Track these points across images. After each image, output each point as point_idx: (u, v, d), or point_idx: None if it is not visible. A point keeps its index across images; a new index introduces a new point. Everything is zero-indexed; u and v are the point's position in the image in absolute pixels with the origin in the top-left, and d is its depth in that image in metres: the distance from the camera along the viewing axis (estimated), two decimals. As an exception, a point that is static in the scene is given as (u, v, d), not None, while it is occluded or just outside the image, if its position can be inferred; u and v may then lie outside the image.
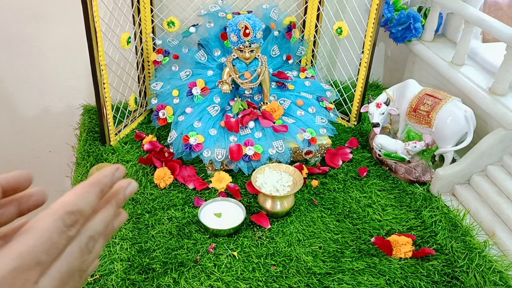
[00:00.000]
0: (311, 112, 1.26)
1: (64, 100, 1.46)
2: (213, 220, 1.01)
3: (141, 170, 1.17)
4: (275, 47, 1.32)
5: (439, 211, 1.07)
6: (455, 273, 0.93)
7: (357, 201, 1.11)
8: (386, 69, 1.65)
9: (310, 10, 1.36)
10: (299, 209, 1.08)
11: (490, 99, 1.13)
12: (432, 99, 1.16)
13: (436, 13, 1.38)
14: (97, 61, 1.10)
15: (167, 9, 1.32)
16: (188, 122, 1.19)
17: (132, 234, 0.99)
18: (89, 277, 0.89)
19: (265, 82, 1.22)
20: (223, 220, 1.01)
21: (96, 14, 1.04)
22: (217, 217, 1.02)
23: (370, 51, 1.25)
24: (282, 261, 0.95)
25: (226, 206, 1.05)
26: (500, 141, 1.08)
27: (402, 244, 0.96)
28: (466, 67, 1.28)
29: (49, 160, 1.57)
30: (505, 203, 1.03)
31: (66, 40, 1.36)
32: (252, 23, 1.12)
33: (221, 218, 1.02)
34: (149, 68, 1.34)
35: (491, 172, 1.10)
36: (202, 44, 1.29)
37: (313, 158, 1.22)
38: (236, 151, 1.14)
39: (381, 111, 1.22)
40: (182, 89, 1.25)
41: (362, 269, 0.93)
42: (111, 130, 1.23)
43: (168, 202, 1.08)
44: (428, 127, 1.16)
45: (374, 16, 1.20)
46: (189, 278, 0.90)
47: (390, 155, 1.20)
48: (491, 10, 1.35)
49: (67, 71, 1.41)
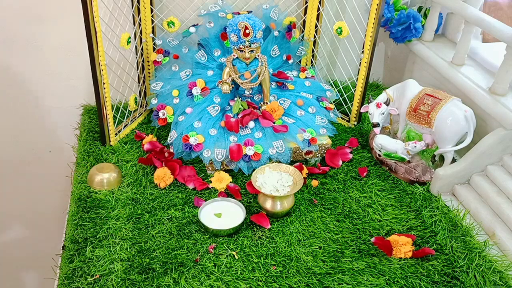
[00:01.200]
0: (311, 112, 1.26)
1: (64, 100, 1.46)
2: (213, 220, 1.01)
3: (141, 170, 1.17)
4: (275, 47, 1.32)
5: (439, 211, 1.07)
6: (455, 273, 0.93)
7: (357, 201, 1.11)
8: (386, 69, 1.65)
9: (310, 10, 1.36)
10: (299, 209, 1.08)
11: (490, 99, 1.13)
12: (432, 99, 1.16)
13: (436, 13, 1.38)
14: (97, 61, 1.10)
15: (167, 9, 1.32)
16: (188, 122, 1.19)
17: (132, 234, 0.99)
18: (89, 277, 0.89)
19: (265, 82, 1.22)
20: (223, 220, 1.01)
21: (96, 14, 1.04)
22: (217, 217, 1.02)
23: (370, 51, 1.25)
24: (282, 261, 0.95)
25: (226, 206, 1.05)
26: (500, 141, 1.08)
27: (402, 244, 0.96)
28: (466, 67, 1.28)
29: (49, 160, 1.57)
30: (505, 203, 1.03)
31: (66, 40, 1.36)
32: (252, 23, 1.12)
33: (221, 218, 1.02)
34: (149, 68, 1.34)
35: (491, 172, 1.10)
36: (202, 44, 1.29)
37: (313, 158, 1.22)
38: (236, 151, 1.14)
39: (381, 111, 1.22)
40: (182, 89, 1.25)
41: (362, 269, 0.93)
42: (111, 130, 1.23)
43: (168, 202, 1.08)
44: (428, 127, 1.16)
45: (374, 16, 1.20)
46: (189, 278, 0.90)
47: (390, 155, 1.20)
48: (491, 10, 1.35)
49: (67, 71, 1.41)
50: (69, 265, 0.92)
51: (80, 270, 0.91)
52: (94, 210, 1.04)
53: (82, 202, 1.06)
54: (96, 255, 0.94)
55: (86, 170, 1.15)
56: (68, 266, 0.92)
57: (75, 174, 1.16)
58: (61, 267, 0.94)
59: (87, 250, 0.94)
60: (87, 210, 1.04)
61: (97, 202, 1.07)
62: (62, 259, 0.96)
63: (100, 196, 1.08)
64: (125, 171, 1.16)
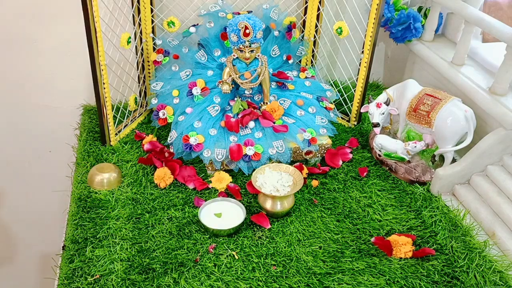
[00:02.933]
0: (311, 112, 1.26)
1: (64, 100, 1.46)
2: (213, 220, 1.01)
3: (141, 170, 1.17)
4: (275, 47, 1.32)
5: (439, 211, 1.07)
6: (455, 273, 0.93)
7: (357, 201, 1.11)
8: (386, 69, 1.65)
9: (310, 10, 1.36)
10: (299, 209, 1.08)
11: (490, 99, 1.13)
12: (432, 99, 1.16)
13: (436, 13, 1.38)
14: (97, 61, 1.10)
15: (167, 9, 1.32)
16: (188, 122, 1.19)
17: (132, 234, 0.99)
18: (89, 277, 0.89)
19: (265, 82, 1.22)
20: (223, 220, 1.01)
21: (96, 14, 1.04)
22: (217, 217, 1.02)
23: (370, 51, 1.25)
24: (282, 261, 0.95)
25: (226, 206, 1.05)
26: (500, 141, 1.08)
27: (402, 244, 0.96)
28: (466, 67, 1.28)
29: (49, 160, 1.57)
30: (505, 203, 1.03)
31: (66, 40, 1.36)
32: (252, 23, 1.12)
33: (221, 218, 1.02)
34: (149, 68, 1.34)
35: (491, 172, 1.10)
36: (202, 44, 1.29)
37: (313, 158, 1.22)
38: (236, 151, 1.14)
39: (381, 111, 1.22)
40: (182, 89, 1.25)
41: (362, 269, 0.93)
42: (111, 130, 1.23)
43: (168, 202, 1.08)
44: (428, 127, 1.16)
45: (374, 16, 1.20)
46: (189, 278, 0.90)
47: (390, 155, 1.20)
48: (491, 10, 1.35)
49: (67, 71, 1.41)
50: (69, 265, 0.92)
51: (80, 270, 0.91)
52: (94, 210, 1.04)
53: (82, 202, 1.06)
54: (96, 255, 0.94)
55: (86, 170, 1.15)
56: (68, 266, 0.92)
57: (75, 174, 1.16)
58: (61, 267, 0.94)
59: (87, 250, 0.94)
60: (87, 210, 1.04)
61: (97, 202, 1.07)
62: (62, 259, 0.96)
63: (100, 196, 1.08)
64: (125, 171, 1.16)
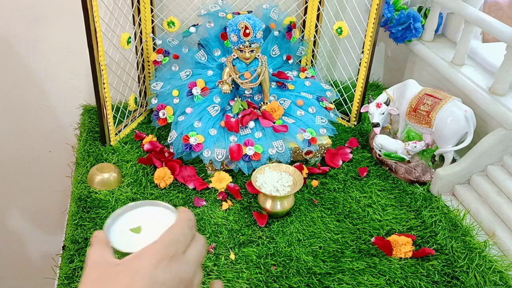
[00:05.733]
0: (311, 112, 1.26)
1: (64, 100, 1.46)
2: (129, 239, 0.57)
3: (141, 170, 1.17)
4: (275, 47, 1.32)
5: (439, 211, 1.07)
6: (455, 273, 0.93)
7: (357, 201, 1.11)
8: (386, 69, 1.65)
9: (310, 10, 1.36)
10: (299, 209, 1.08)
11: (490, 99, 1.13)
12: (432, 99, 1.16)
13: (436, 13, 1.38)
14: (97, 61, 1.10)
15: (167, 9, 1.32)
16: (188, 122, 1.19)
17: (132, 234, 0.99)
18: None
19: (265, 82, 1.22)
20: (144, 236, 0.57)
21: (96, 14, 1.04)
22: (135, 233, 0.58)
23: (370, 51, 1.25)
24: (282, 261, 0.95)
25: (146, 215, 0.60)
26: (500, 141, 1.08)
27: (402, 244, 0.96)
28: (466, 67, 1.28)
29: (49, 160, 1.57)
30: (505, 203, 1.03)
31: (66, 40, 1.36)
32: (252, 23, 1.12)
33: (141, 234, 0.58)
34: (149, 68, 1.34)
35: (491, 172, 1.10)
36: (202, 44, 1.29)
37: (313, 158, 1.22)
38: (236, 151, 1.14)
39: (381, 111, 1.22)
40: (182, 89, 1.25)
41: (362, 269, 0.93)
42: (111, 130, 1.23)
43: (168, 202, 1.07)
44: (428, 127, 1.16)
45: (374, 16, 1.20)
46: (189, 278, 0.90)
47: (390, 155, 1.20)
48: (491, 10, 1.35)
49: (67, 71, 1.41)
50: (69, 265, 0.92)
51: (80, 270, 0.91)
52: (94, 210, 1.04)
53: (82, 202, 1.06)
54: (96, 255, 0.93)
55: (86, 170, 1.15)
56: (68, 266, 0.92)
57: (75, 174, 1.16)
58: (61, 267, 0.94)
59: (87, 250, 0.94)
60: (87, 210, 1.04)
61: (97, 202, 1.07)
62: (62, 259, 0.96)
63: (100, 196, 1.08)
64: (125, 171, 1.16)
